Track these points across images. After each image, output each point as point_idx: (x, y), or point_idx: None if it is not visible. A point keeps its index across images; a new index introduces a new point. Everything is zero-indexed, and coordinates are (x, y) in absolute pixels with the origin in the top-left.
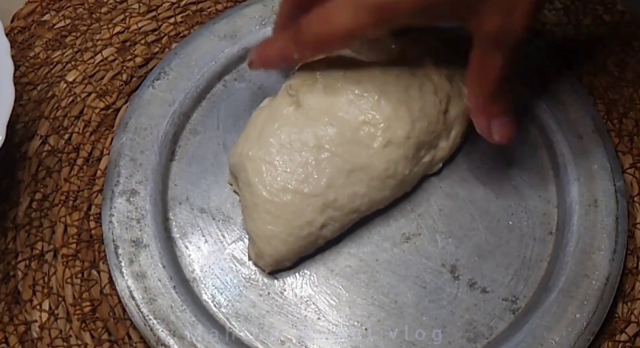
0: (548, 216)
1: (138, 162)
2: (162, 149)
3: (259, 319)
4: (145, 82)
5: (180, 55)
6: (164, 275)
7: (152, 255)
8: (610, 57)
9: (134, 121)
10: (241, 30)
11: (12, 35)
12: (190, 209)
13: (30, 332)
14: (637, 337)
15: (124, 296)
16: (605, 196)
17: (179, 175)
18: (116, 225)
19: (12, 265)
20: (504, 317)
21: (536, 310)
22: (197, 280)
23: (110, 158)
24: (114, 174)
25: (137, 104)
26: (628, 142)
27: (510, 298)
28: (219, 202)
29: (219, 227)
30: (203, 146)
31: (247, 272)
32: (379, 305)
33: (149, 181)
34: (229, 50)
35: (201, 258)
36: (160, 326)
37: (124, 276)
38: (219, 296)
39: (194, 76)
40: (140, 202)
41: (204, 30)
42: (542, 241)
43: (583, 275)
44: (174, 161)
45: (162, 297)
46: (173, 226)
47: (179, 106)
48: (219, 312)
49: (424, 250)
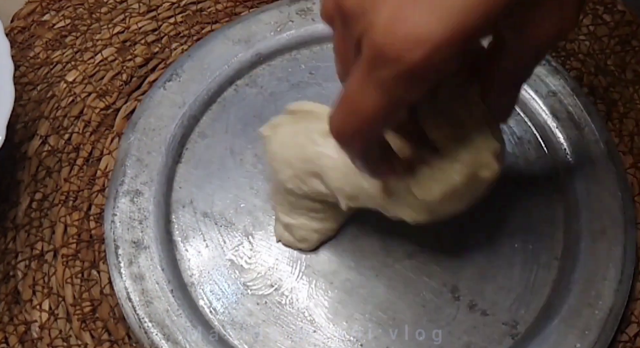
0: (554, 242)
1: (144, 163)
2: (169, 151)
3: (254, 328)
4: (156, 84)
5: (193, 58)
6: (162, 277)
7: (151, 257)
8: (610, 57)
9: (143, 122)
10: (256, 35)
11: (12, 35)
12: (193, 213)
13: (30, 332)
14: (637, 337)
15: (120, 297)
16: (614, 224)
17: (184, 178)
18: (118, 225)
19: (12, 265)
20: (503, 341)
21: (536, 336)
22: (195, 284)
23: (117, 157)
24: (119, 174)
25: (147, 104)
26: (628, 142)
27: (511, 322)
28: (222, 207)
29: (220, 232)
30: (210, 150)
31: (246, 280)
32: (376, 321)
33: (154, 182)
34: (242, 55)
35: (200, 263)
36: (155, 329)
37: (122, 277)
38: (215, 303)
39: (206, 79)
40: (144, 203)
41: (218, 33)
42: (547, 267)
43: (586, 304)
44: (181, 163)
45: (159, 300)
46: (175, 229)
47: (188, 109)
48: (215, 319)
49: (426, 268)
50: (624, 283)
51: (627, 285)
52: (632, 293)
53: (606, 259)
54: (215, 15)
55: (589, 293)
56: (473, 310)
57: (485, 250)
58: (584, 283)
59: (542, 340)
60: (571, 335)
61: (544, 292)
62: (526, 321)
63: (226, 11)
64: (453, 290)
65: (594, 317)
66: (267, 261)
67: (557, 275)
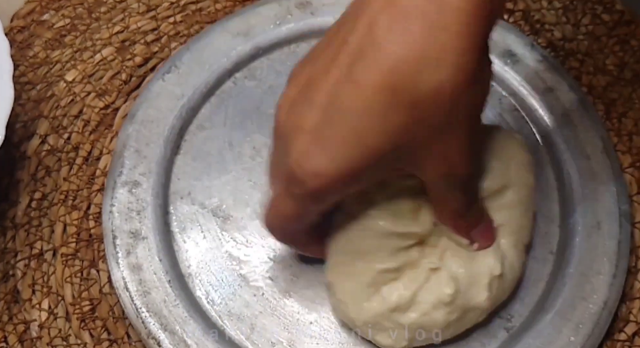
0: (550, 236)
1: (143, 154)
2: (167, 143)
3: (251, 319)
4: (155, 75)
5: (192, 50)
6: (160, 268)
7: (149, 247)
8: (609, 57)
9: (141, 113)
10: (255, 28)
11: (12, 35)
12: (191, 205)
13: (30, 331)
14: (636, 336)
15: (118, 287)
16: (609, 219)
17: (182, 169)
18: (116, 216)
19: (11, 264)
20: (498, 334)
21: (530, 330)
22: (192, 275)
23: (115, 149)
24: (117, 165)
25: (145, 96)
26: (627, 141)
27: (506, 316)
28: (220, 199)
29: (218, 224)
30: (209, 142)
31: (243, 271)
32: None
33: (152, 173)
34: (241, 48)
35: (198, 254)
36: (152, 319)
37: (119, 267)
38: (213, 294)
39: (205, 71)
40: (142, 194)
41: (217, 26)
42: (542, 261)
43: (580, 298)
44: (179, 155)
45: (157, 291)
46: (173, 220)
47: (187, 101)
48: (212, 309)
49: None
50: (618, 278)
51: (621, 280)
52: (631, 290)
53: (601, 253)
54: (215, 14)
55: (584, 287)
56: None
57: None
58: (579, 277)
59: (537, 333)
60: (565, 328)
61: (539, 286)
62: (521, 314)
63: (225, 10)
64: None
65: (588, 311)
66: (264, 253)
67: (552, 269)
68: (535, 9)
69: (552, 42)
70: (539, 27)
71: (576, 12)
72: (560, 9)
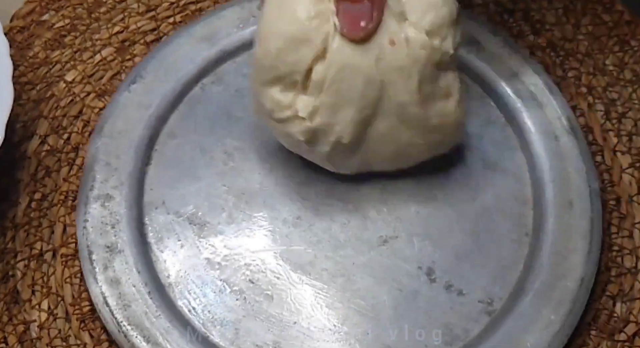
0: (524, 218)
1: (113, 166)
2: (138, 153)
3: (234, 324)
4: (121, 86)
5: (157, 58)
6: (138, 280)
7: (126, 260)
8: (609, 57)
9: (109, 125)
10: (219, 32)
11: (11, 35)
12: (167, 214)
13: (29, 331)
14: (636, 336)
15: (97, 303)
16: (580, 197)
17: (155, 179)
18: (90, 231)
19: (11, 264)
20: (480, 319)
21: (511, 312)
22: (172, 285)
23: (85, 163)
24: (88, 179)
25: (112, 107)
26: (627, 142)
27: (486, 300)
28: (195, 206)
29: (195, 231)
30: (180, 149)
31: (224, 276)
32: (355, 308)
33: (125, 185)
34: (206, 53)
35: (177, 263)
36: (135, 332)
37: (97, 282)
38: (194, 302)
39: (171, 79)
40: (115, 207)
41: (181, 32)
42: (518, 243)
43: (558, 277)
44: (150, 165)
45: (137, 303)
46: (149, 231)
47: (155, 110)
48: (195, 318)
49: (401, 253)
50: (593, 254)
51: (595, 256)
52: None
53: (575, 232)
54: None
55: (560, 266)
56: (449, 290)
57: (458, 231)
58: (555, 256)
59: (518, 315)
60: (545, 308)
61: (517, 268)
62: (501, 298)
63: None
64: (429, 273)
65: (566, 289)
66: (243, 257)
67: (528, 250)
68: (535, 9)
69: (552, 42)
70: (539, 27)
71: (576, 12)
72: (560, 9)
